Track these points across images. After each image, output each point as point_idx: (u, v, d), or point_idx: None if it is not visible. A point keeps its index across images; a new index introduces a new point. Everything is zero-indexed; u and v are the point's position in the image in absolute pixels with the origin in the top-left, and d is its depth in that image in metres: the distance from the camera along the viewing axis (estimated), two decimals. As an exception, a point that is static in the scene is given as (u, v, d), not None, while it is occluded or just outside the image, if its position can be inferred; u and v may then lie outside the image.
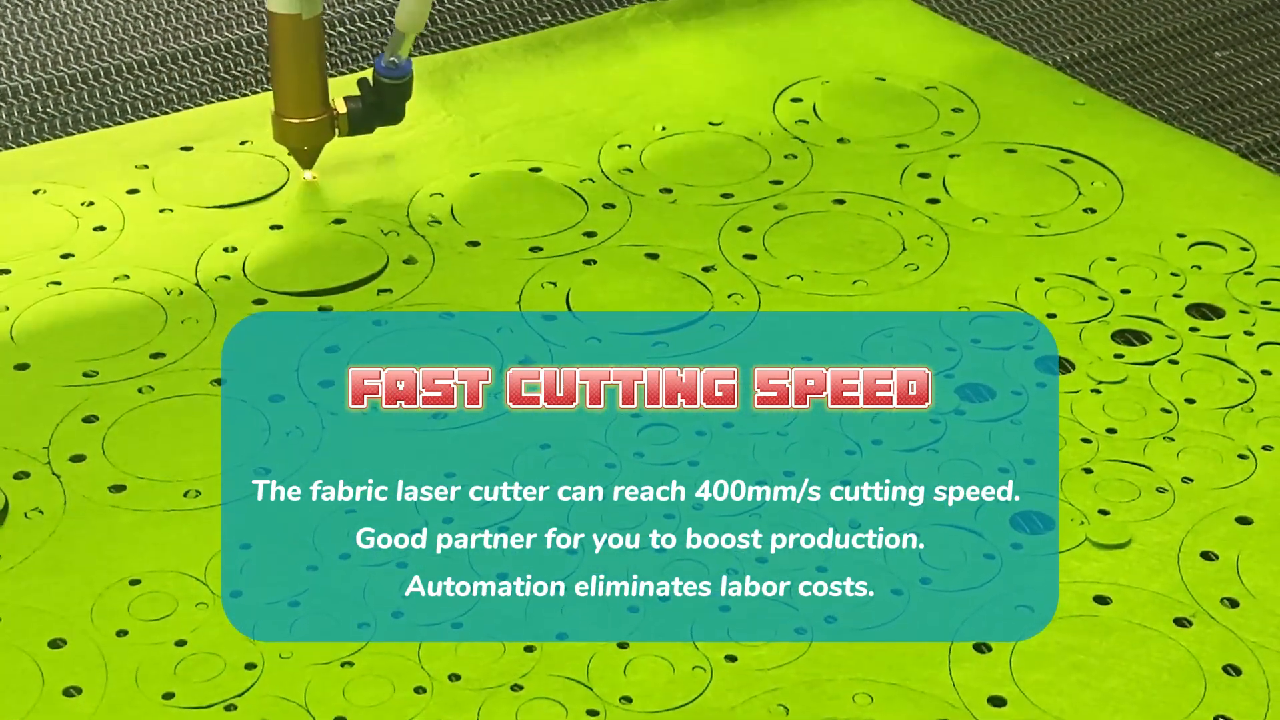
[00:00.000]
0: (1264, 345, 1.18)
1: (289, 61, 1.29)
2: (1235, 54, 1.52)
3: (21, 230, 1.28)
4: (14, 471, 1.06)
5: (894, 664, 0.94)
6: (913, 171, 1.37)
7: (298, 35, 1.28)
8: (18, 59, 1.49)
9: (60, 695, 0.91)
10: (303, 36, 1.28)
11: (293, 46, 1.29)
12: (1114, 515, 1.04)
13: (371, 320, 1.20)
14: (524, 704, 0.91)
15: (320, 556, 1.00)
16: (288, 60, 1.29)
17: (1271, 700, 0.92)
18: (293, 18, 1.27)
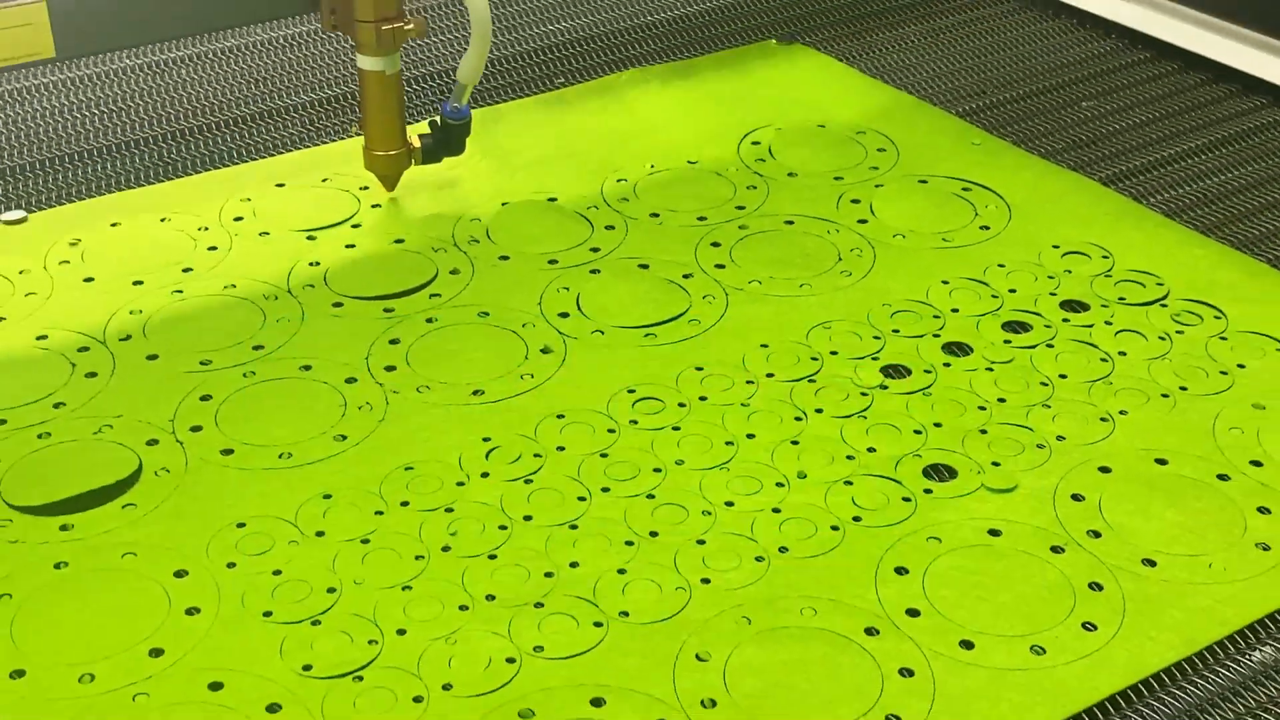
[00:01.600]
0: (1120, 332, 1.18)
1: (376, 107, 1.31)
2: (1097, 105, 1.53)
3: (151, 250, 1.28)
4: (146, 439, 1.06)
5: (833, 584, 0.95)
6: (846, 198, 1.37)
7: (383, 87, 1.30)
8: (147, 115, 1.49)
9: (183, 614, 0.92)
10: (387, 88, 1.30)
11: (379, 96, 1.31)
12: (1003, 466, 1.05)
13: (425, 318, 1.20)
14: (544, 618, 0.92)
15: (384, 504, 1.00)
16: (375, 106, 1.31)
17: (1126, 610, 0.93)
18: (379, 74, 1.29)
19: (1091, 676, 0.88)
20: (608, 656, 0.89)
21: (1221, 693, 0.88)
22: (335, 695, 0.86)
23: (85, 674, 0.87)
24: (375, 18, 1.26)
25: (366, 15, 1.26)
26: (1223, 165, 1.42)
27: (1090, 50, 1.64)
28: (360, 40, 1.28)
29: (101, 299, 1.21)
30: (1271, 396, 1.11)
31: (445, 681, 0.87)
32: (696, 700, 0.86)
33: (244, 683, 0.87)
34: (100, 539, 0.97)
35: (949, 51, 1.64)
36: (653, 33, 1.68)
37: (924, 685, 0.88)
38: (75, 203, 1.35)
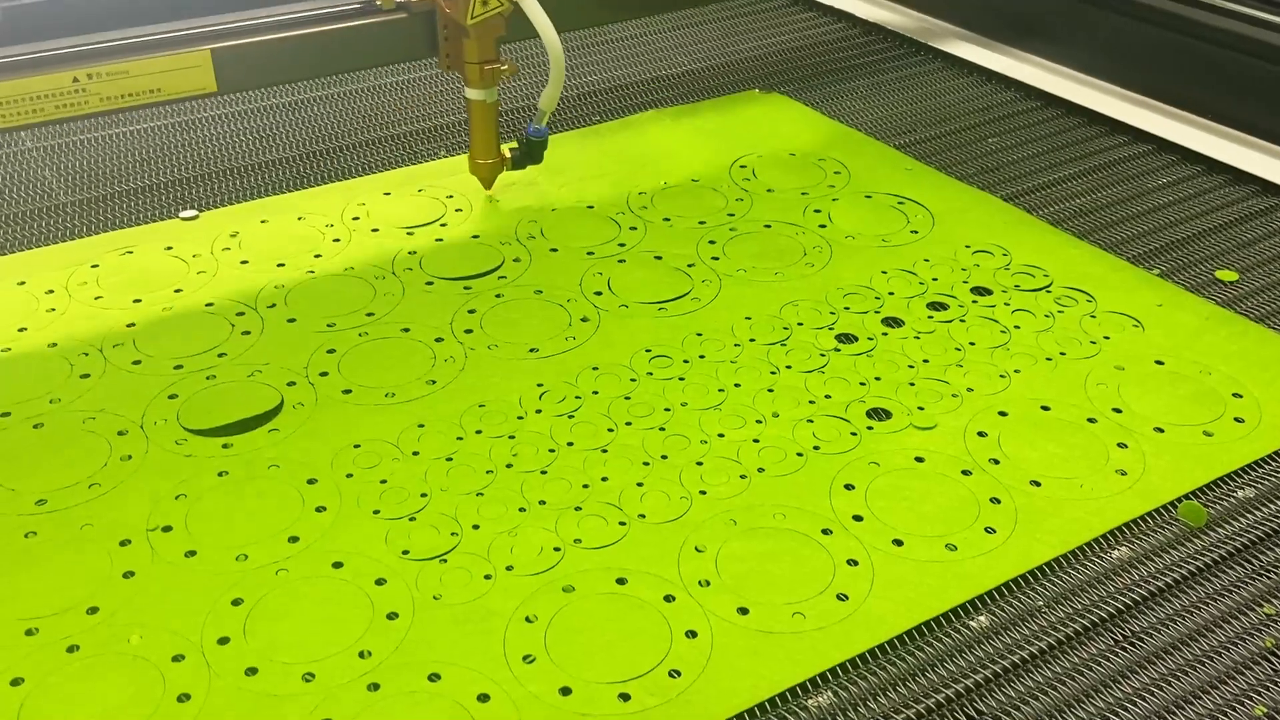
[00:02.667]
0: (1016, 311, 1.17)
1: (479, 127, 1.32)
2: (1000, 141, 1.51)
3: (290, 241, 1.27)
4: (286, 381, 1.05)
5: (798, 495, 0.94)
6: (810, 208, 1.35)
7: (484, 112, 1.31)
8: (288, 140, 1.48)
9: (314, 511, 0.91)
10: (487, 113, 1.31)
11: (481, 119, 1.32)
12: (927, 410, 1.03)
13: (494, 294, 1.19)
14: (582, 519, 0.91)
15: (463, 432, 1.00)
16: (478, 126, 1.32)
17: (1018, 519, 0.92)
18: (482, 102, 1.30)
19: (991, 567, 0.87)
20: (629, 547, 0.88)
21: (1089, 580, 0.87)
22: (426, 573, 0.86)
23: (241, 554, 0.87)
24: (479, 60, 1.28)
25: (473, 58, 1.28)
26: (1093, 187, 1.40)
27: (995, 100, 1.61)
28: (468, 77, 1.29)
29: (254, 277, 1.20)
30: (1129, 360, 1.09)
31: (508, 564, 0.87)
32: (695, 580, 0.86)
33: (358, 563, 0.86)
34: (252, 455, 0.97)
35: (889, 99, 1.61)
36: (666, 83, 1.66)
37: (865, 572, 0.87)
38: (234, 205, 1.34)
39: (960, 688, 0.78)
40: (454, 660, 0.79)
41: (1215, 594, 0.86)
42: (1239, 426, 1.01)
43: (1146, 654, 0.81)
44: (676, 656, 0.80)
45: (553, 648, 0.80)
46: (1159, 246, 1.27)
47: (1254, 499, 0.94)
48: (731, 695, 0.77)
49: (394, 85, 1.63)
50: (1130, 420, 1.02)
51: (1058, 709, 0.77)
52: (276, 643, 0.80)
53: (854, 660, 0.80)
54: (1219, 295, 1.19)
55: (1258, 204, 1.36)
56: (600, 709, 0.76)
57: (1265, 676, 0.79)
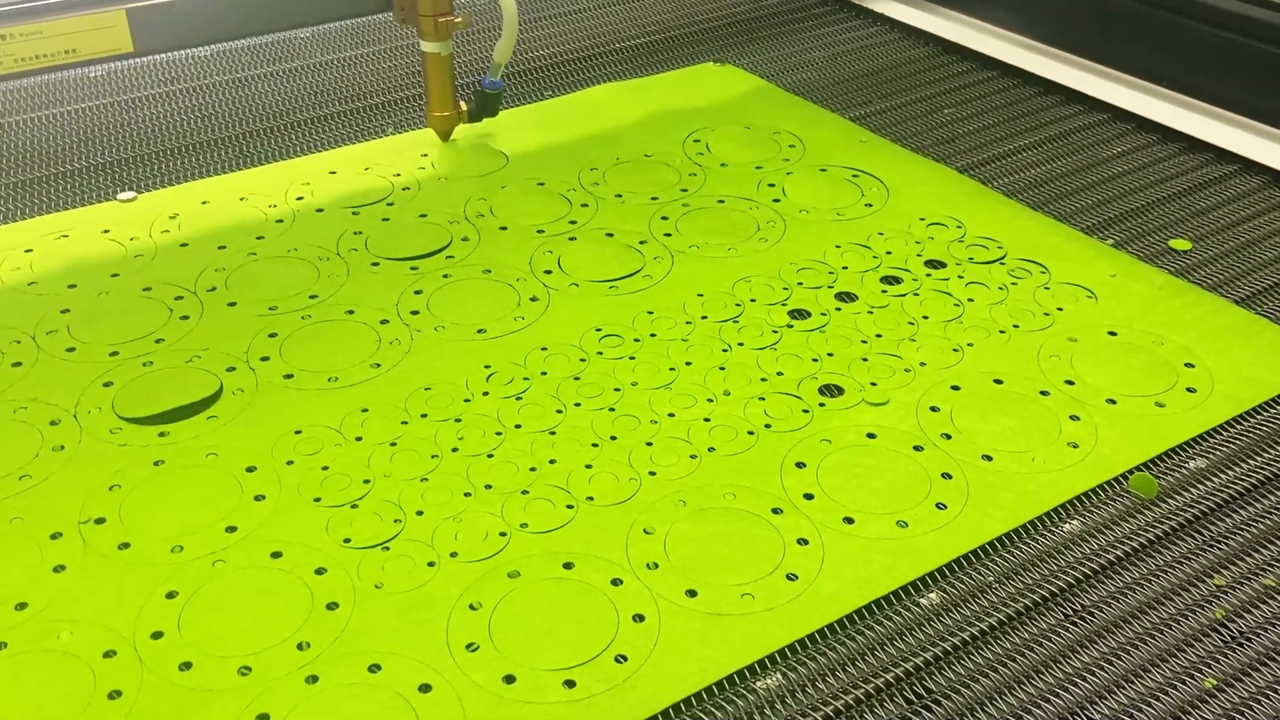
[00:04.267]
0: (969, 284, 1.16)
1: (434, 80, 1.33)
2: (955, 112, 1.50)
3: (232, 222, 1.24)
4: (226, 366, 1.03)
5: (749, 474, 0.92)
6: (764, 183, 1.34)
7: (439, 65, 1.32)
8: (230, 119, 1.45)
9: (252, 500, 0.89)
10: (442, 66, 1.32)
11: (436, 72, 1.33)
12: (879, 385, 1.02)
13: (442, 274, 1.17)
14: (529, 502, 0.89)
15: (408, 416, 0.98)
16: (434, 79, 1.33)
17: (970, 493, 0.91)
18: (436, 54, 1.31)
19: (942, 543, 0.87)
20: (577, 531, 0.87)
21: (1041, 555, 0.86)
22: (368, 561, 0.84)
23: (176, 545, 0.85)
24: (433, 12, 1.29)
25: (427, 10, 1.29)
26: (1048, 157, 1.39)
27: (949, 71, 1.60)
28: (422, 30, 1.30)
29: (194, 260, 1.18)
30: (1082, 332, 1.09)
31: (453, 550, 0.85)
32: (643, 563, 0.84)
33: (298, 552, 0.85)
34: (190, 442, 0.94)
35: (843, 71, 1.60)
36: (619, 57, 1.64)
37: (816, 551, 0.86)
38: (174, 186, 1.31)
39: (910, 666, 0.77)
40: (395, 650, 0.77)
41: (1166, 566, 0.85)
42: (1191, 397, 1.01)
43: (1097, 628, 0.80)
44: (623, 641, 0.78)
45: (497, 635, 0.79)
46: (1113, 216, 1.27)
47: (1205, 469, 0.93)
48: (679, 679, 0.76)
49: (340, 62, 1.60)
50: (1082, 392, 1.01)
51: (1007, 685, 0.76)
52: (212, 636, 0.78)
53: (803, 641, 0.79)
54: (1172, 264, 1.18)
55: (1211, 172, 1.35)
56: (545, 697, 0.75)
57: (1215, 648, 0.79)
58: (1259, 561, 0.85)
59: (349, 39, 1.66)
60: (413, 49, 1.63)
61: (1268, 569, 0.85)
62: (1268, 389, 1.02)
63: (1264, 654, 0.78)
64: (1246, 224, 1.25)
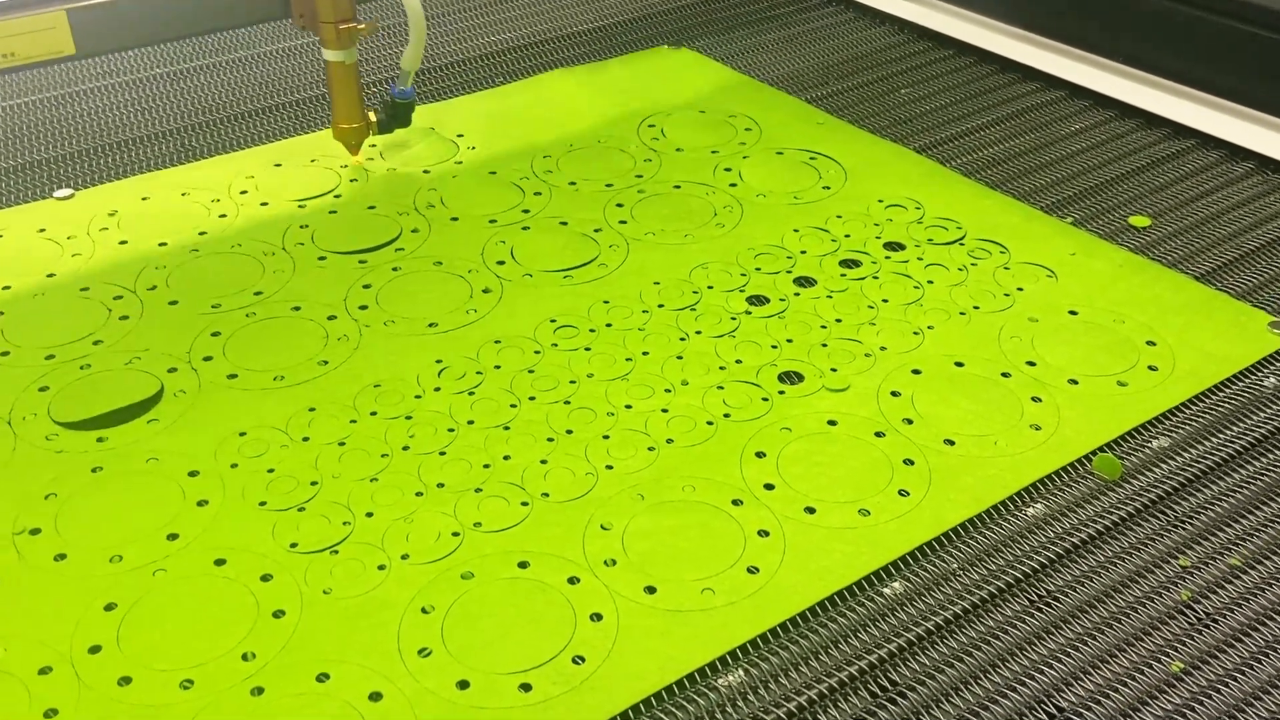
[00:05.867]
0: (929, 265, 1.14)
1: (339, 90, 1.26)
2: (912, 91, 1.48)
3: (173, 218, 1.21)
4: (167, 367, 1.00)
5: (707, 466, 0.91)
6: (721, 167, 1.32)
7: (344, 74, 1.25)
8: (171, 113, 1.41)
9: (195, 505, 0.86)
10: (347, 74, 1.25)
11: (341, 80, 1.25)
12: (840, 371, 1.01)
13: (391, 267, 1.14)
14: (483, 500, 0.87)
15: (357, 414, 0.95)
16: (338, 89, 1.26)
17: (932, 479, 0.89)
18: (340, 63, 1.24)
19: (905, 531, 0.85)
20: (532, 529, 0.85)
21: (1004, 540, 0.85)
22: (316, 566, 0.81)
23: (115, 555, 0.82)
24: (334, 19, 1.21)
25: (328, 17, 1.21)
26: (1006, 136, 1.38)
27: (906, 50, 1.58)
28: (324, 37, 1.23)
29: (133, 257, 1.14)
30: (1043, 312, 1.08)
31: (404, 552, 0.83)
32: (600, 560, 0.82)
33: (243, 559, 0.82)
34: (129, 447, 0.91)
35: (800, 53, 1.58)
36: (572, 41, 1.61)
37: (777, 542, 0.84)
38: (113, 182, 1.27)
39: (874, 658, 0.76)
40: (344, 658, 0.75)
41: (1131, 548, 0.84)
42: (1153, 375, 1.00)
43: (1063, 613, 0.79)
44: (581, 641, 0.76)
45: (450, 639, 0.76)
46: (1072, 194, 1.26)
47: (1168, 448, 0.93)
48: (638, 679, 0.74)
49: (285, 52, 1.56)
50: (1044, 373, 1.00)
51: (972, 675, 0.75)
52: (153, 649, 0.75)
53: (765, 635, 0.77)
54: (1132, 242, 1.18)
55: (1169, 147, 1.35)
56: (500, 701, 0.72)
57: (1182, 631, 0.78)
58: (1224, 541, 0.85)
59: (293, 28, 1.62)
60: (360, 37, 1.60)
61: (1233, 548, 0.84)
62: (1229, 365, 1.01)
63: (1230, 636, 0.77)
64: (1205, 199, 1.25)
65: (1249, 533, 0.85)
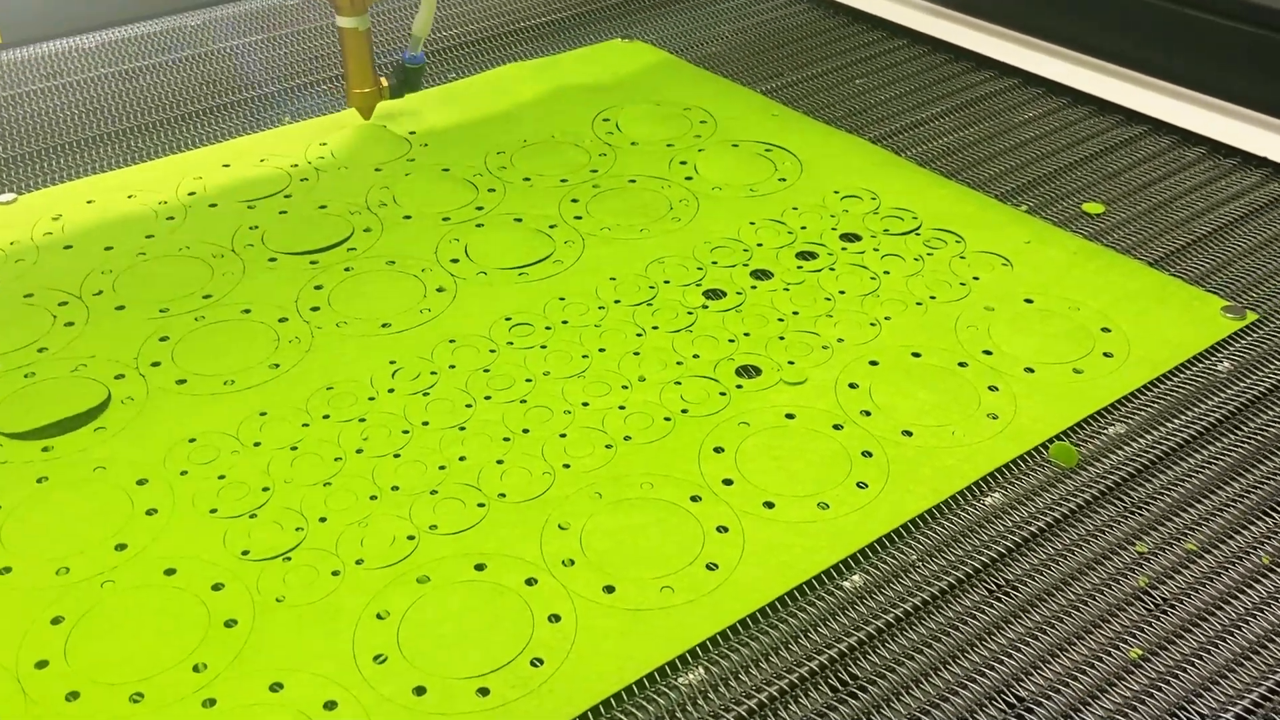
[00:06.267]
0: (885, 256, 1.14)
1: (352, 56, 1.29)
2: (867, 83, 1.48)
3: (120, 221, 1.19)
4: (114, 374, 0.98)
5: (666, 462, 0.90)
6: (676, 160, 1.31)
7: (357, 41, 1.28)
8: (117, 114, 1.39)
9: (144, 514, 0.85)
10: (360, 41, 1.28)
11: (354, 47, 1.29)
12: (797, 364, 1.00)
13: (343, 267, 1.12)
14: (438, 502, 0.86)
15: (309, 418, 0.94)
16: (352, 55, 1.29)
17: (890, 471, 0.89)
18: (354, 29, 1.27)
19: (864, 523, 0.85)
20: (489, 530, 0.84)
21: (963, 530, 0.85)
22: (268, 573, 0.80)
23: (61, 568, 0.80)
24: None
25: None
26: (960, 125, 1.38)
27: (860, 40, 1.58)
28: (338, 4, 1.26)
29: (78, 263, 1.12)
30: (999, 300, 1.08)
31: (358, 557, 0.81)
32: (559, 560, 0.82)
33: (193, 568, 0.80)
34: (76, 456, 0.90)
35: (754, 45, 1.58)
36: (524, 35, 1.60)
37: (736, 538, 0.84)
38: (57, 185, 1.25)
39: (834, 653, 0.75)
40: (298, 666, 0.74)
41: (1089, 535, 0.84)
42: (1108, 361, 1.00)
43: (1021, 603, 0.79)
44: (539, 643, 0.76)
45: (406, 645, 0.75)
46: (1026, 182, 1.26)
47: (1124, 435, 0.93)
48: (597, 680, 0.73)
49: (232, 50, 1.54)
50: (1000, 362, 1.00)
51: (933, 667, 0.75)
52: (101, 662, 0.74)
53: (725, 632, 0.77)
54: (1086, 228, 1.18)
55: (1122, 133, 1.35)
56: (457, 707, 0.71)
57: (1140, 617, 0.78)
58: (1180, 526, 0.85)
59: (239, 26, 1.59)
60: (308, 34, 1.58)
61: (1189, 533, 0.84)
62: (1183, 350, 1.01)
63: (1188, 621, 0.78)
64: (1158, 185, 1.26)
65: (1205, 517, 0.86)
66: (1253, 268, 1.12)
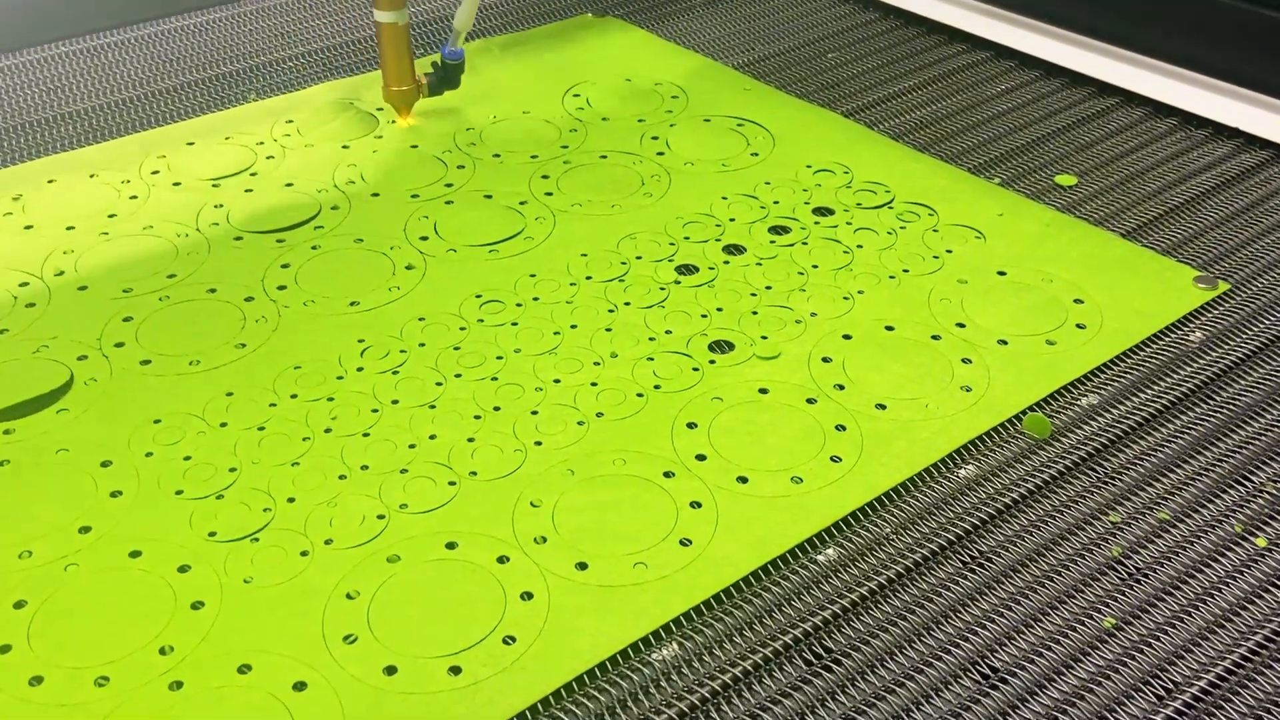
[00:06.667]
0: (858, 230, 1.14)
1: (390, 52, 1.25)
2: (839, 56, 1.47)
3: (82, 201, 1.17)
4: (77, 355, 0.97)
5: (639, 438, 0.89)
6: (647, 136, 1.30)
7: (395, 35, 1.25)
8: (79, 92, 1.36)
9: (108, 497, 0.83)
10: (399, 36, 1.25)
11: (392, 42, 1.25)
12: (770, 338, 1.00)
13: (310, 245, 1.11)
14: (409, 481, 0.85)
15: (277, 397, 0.92)
16: (390, 51, 1.25)
17: (864, 444, 0.89)
18: (392, 24, 1.23)
19: (838, 497, 0.84)
20: (460, 508, 0.83)
21: (937, 502, 0.85)
22: (235, 555, 0.79)
23: (24, 551, 0.79)
24: None
25: None
26: (933, 98, 1.37)
27: (831, 14, 1.57)
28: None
29: (39, 242, 1.10)
30: (972, 273, 1.07)
31: (327, 537, 0.81)
32: (530, 538, 0.81)
33: (159, 550, 0.79)
34: (38, 439, 0.88)
35: (725, 18, 1.56)
36: (494, 11, 1.58)
37: (709, 513, 0.83)
38: (17, 165, 1.22)
39: (809, 626, 0.75)
40: (267, 648, 0.73)
41: (1062, 506, 0.84)
42: (1080, 333, 1.00)
43: (995, 574, 0.79)
44: (511, 621, 0.75)
45: (376, 624, 0.74)
46: (999, 155, 1.26)
47: (1097, 405, 0.93)
48: (570, 657, 0.73)
49: (196, 27, 1.51)
50: (974, 334, 1.00)
51: (907, 639, 0.74)
52: (65, 646, 0.73)
53: (699, 608, 0.76)
54: (1059, 200, 1.18)
55: (1094, 105, 1.35)
56: (428, 686, 0.71)
57: (1113, 586, 0.78)
58: (1153, 495, 0.85)
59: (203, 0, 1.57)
60: (272, 10, 1.55)
61: (1161, 502, 0.84)
62: (1156, 321, 1.01)
63: (1160, 590, 0.78)
64: (1129, 156, 1.25)
65: (1177, 487, 0.86)
66: (1224, 238, 1.12)
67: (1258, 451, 0.88)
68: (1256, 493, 0.85)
